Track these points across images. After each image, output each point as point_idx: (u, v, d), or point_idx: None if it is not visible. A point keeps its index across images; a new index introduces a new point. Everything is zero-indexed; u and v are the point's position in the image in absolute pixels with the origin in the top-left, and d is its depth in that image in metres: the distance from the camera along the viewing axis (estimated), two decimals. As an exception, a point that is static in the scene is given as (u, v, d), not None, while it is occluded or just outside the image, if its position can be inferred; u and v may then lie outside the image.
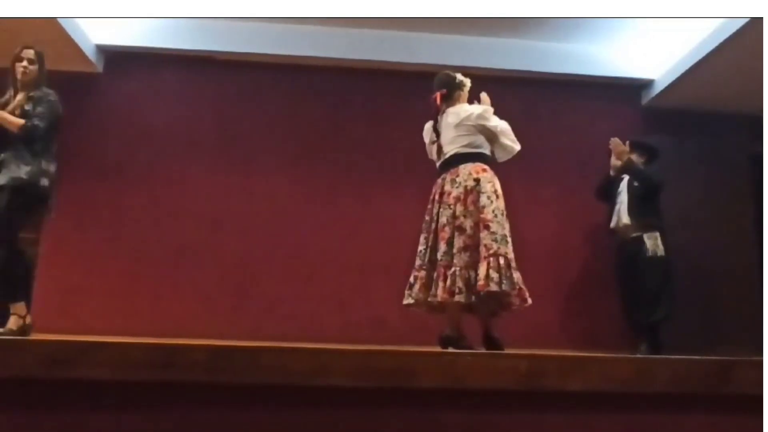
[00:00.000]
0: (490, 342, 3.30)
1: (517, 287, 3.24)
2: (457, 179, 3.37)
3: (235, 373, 1.95)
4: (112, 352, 2.11)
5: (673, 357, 2.52)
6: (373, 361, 2.03)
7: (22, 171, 3.29)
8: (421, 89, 3.83)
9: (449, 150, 3.48)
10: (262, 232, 5.20)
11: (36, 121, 3.34)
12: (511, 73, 5.45)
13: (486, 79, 4.74)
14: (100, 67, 5.29)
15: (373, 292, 5.04)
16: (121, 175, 5.17)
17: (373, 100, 5.52)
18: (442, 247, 3.30)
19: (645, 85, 5.65)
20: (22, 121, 3.32)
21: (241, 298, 5.05)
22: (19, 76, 3.44)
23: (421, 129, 3.74)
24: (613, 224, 4.79)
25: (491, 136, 3.49)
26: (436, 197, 3.46)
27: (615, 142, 4.69)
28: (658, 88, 5.52)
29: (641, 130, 5.54)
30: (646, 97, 5.67)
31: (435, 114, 3.60)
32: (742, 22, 4.45)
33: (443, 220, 3.35)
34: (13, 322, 3.28)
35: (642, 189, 4.62)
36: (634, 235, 4.59)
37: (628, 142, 4.75)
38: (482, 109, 3.50)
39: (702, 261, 5.20)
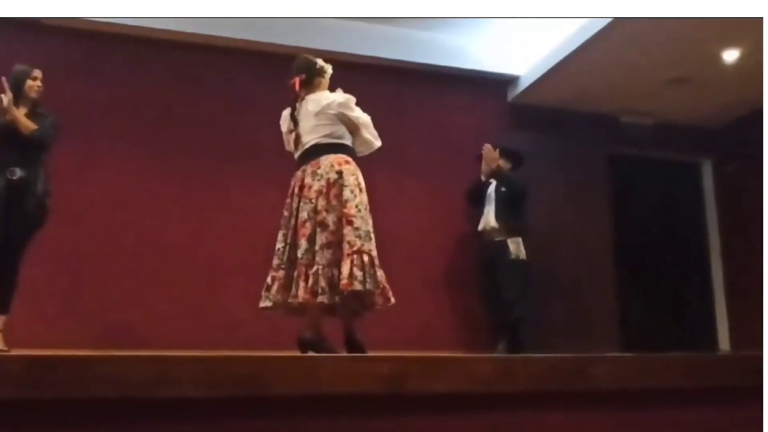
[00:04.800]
0: (353, 344, 3.32)
1: (381, 286, 3.28)
2: (319, 171, 3.34)
3: (60, 388, 1.80)
4: None
5: (531, 355, 2.67)
6: (225, 368, 1.96)
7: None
8: (283, 73, 3.78)
9: (309, 140, 3.45)
10: (98, 224, 4.90)
11: (48, 130, 3.80)
12: (377, 60, 5.54)
13: (351, 66, 4.80)
14: None
15: (226, 293, 4.93)
16: None
17: (231, 82, 5.39)
18: (303, 244, 3.27)
19: (511, 81, 5.95)
20: (35, 126, 3.72)
21: (71, 299, 4.73)
22: (33, 95, 3.87)
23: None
24: (480, 227, 5.09)
25: (352, 127, 3.50)
26: (296, 191, 3.41)
27: (487, 148, 5.00)
28: (523, 84, 5.84)
29: (506, 127, 5.85)
30: (512, 94, 5.98)
31: (293, 101, 3.55)
32: (606, 21, 4.80)
33: (304, 215, 3.31)
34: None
35: (508, 194, 4.96)
36: (499, 238, 4.91)
37: (498, 150, 5.05)
38: (345, 98, 3.50)
39: (563, 261, 5.60)
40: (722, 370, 2.43)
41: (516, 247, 4.88)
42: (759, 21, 4.64)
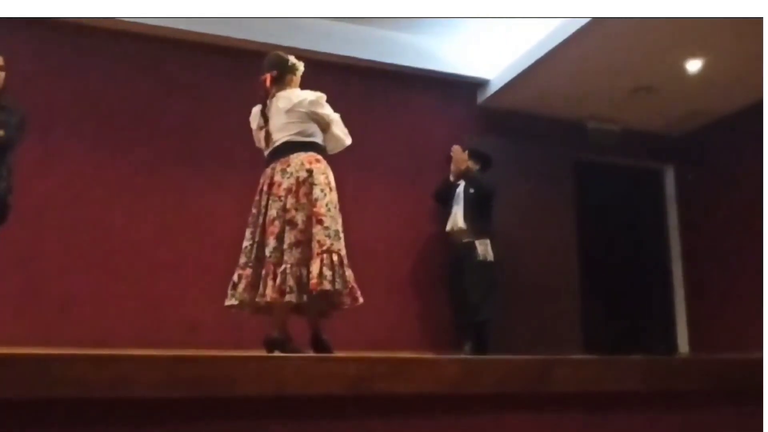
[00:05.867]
0: (319, 344, 3.30)
1: (349, 286, 3.27)
2: (289, 169, 3.32)
3: (16, 387, 1.75)
4: None
5: (497, 357, 2.69)
6: (187, 369, 1.92)
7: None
8: (252, 70, 3.74)
9: (279, 137, 3.42)
10: (58, 220, 4.79)
11: (11, 132, 3.55)
12: (347, 60, 5.52)
13: (320, 65, 4.77)
14: None
15: (188, 292, 4.87)
16: None
17: (199, 78, 5.32)
18: (272, 242, 3.24)
19: (481, 84, 5.99)
20: (1, 132, 3.51)
21: (28, 296, 4.63)
22: None
23: (250, 113, 3.65)
24: (448, 228, 5.11)
25: (323, 125, 3.48)
26: (265, 188, 3.38)
27: (456, 149, 5.03)
28: (492, 88, 5.88)
29: (475, 130, 5.89)
30: (482, 97, 6.02)
31: (264, 97, 3.52)
32: (574, 29, 4.85)
33: (272, 213, 3.28)
34: None
35: (476, 195, 4.99)
36: (467, 240, 4.93)
37: (467, 151, 5.09)
38: (316, 96, 3.48)
39: (527, 263, 5.65)
40: (682, 373, 2.48)
41: (484, 248, 4.90)
42: (721, 32, 4.75)
